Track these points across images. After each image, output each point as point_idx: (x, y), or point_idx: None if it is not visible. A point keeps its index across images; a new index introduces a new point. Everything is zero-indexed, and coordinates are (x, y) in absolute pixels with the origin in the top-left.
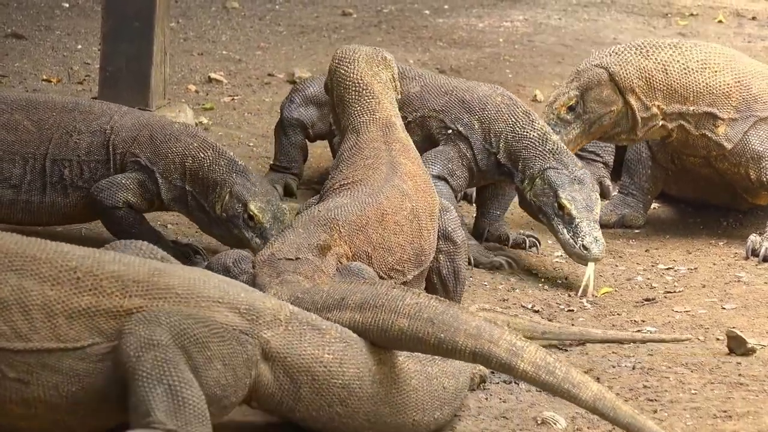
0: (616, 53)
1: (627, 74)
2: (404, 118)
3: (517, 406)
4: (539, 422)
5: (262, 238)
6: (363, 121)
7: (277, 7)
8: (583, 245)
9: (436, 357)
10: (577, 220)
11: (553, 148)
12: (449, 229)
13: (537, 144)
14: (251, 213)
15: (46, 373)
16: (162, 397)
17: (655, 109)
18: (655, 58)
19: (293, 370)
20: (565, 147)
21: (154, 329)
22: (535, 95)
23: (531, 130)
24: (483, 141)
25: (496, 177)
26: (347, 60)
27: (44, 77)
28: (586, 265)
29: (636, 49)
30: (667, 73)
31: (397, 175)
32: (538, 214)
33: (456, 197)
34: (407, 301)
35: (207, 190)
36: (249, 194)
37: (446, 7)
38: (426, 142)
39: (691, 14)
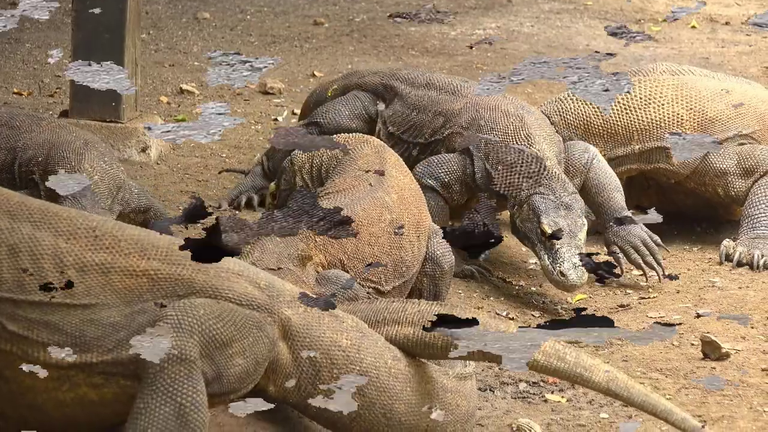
0: (560, 100)
1: (565, 123)
2: (438, 135)
3: (492, 413)
4: (514, 429)
5: None
6: (357, 146)
7: (248, 17)
8: (561, 271)
9: (450, 375)
10: (558, 246)
11: (543, 173)
12: (438, 253)
13: (528, 168)
14: None
15: (48, 332)
16: (168, 416)
17: None
18: None
19: (313, 352)
20: (558, 172)
21: (187, 341)
22: None
23: (527, 155)
24: (485, 160)
25: (493, 196)
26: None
27: (15, 90)
28: (569, 292)
29: None
30: (605, 116)
31: (383, 187)
32: (524, 240)
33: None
34: (409, 310)
35: None
36: None
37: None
38: None
39: (665, 20)
